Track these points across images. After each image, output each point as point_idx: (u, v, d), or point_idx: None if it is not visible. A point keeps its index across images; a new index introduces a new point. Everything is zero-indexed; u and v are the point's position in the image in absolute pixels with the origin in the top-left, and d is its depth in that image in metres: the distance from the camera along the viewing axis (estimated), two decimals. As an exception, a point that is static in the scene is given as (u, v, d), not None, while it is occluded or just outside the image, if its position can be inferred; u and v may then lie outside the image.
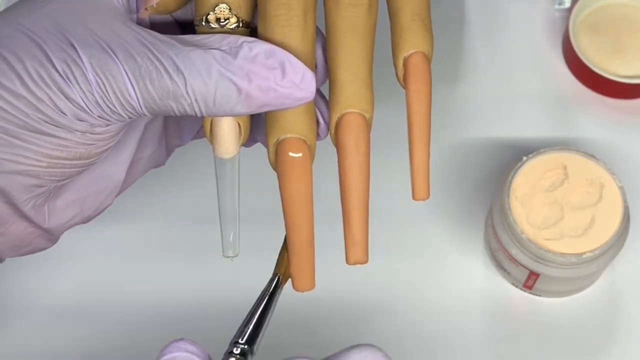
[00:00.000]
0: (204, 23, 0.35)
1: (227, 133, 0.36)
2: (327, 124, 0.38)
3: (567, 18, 0.62)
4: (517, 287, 0.56)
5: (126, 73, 0.32)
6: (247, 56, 0.33)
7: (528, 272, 0.53)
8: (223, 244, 0.38)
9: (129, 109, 0.33)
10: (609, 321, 0.56)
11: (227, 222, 0.38)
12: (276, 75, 0.33)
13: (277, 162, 0.36)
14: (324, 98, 0.38)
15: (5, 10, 0.34)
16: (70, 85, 0.32)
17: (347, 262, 0.36)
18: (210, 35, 0.34)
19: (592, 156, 0.53)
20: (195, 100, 0.33)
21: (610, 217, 0.52)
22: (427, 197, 0.37)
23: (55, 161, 0.34)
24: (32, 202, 0.36)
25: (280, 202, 0.36)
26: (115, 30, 0.33)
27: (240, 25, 0.35)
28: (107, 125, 0.34)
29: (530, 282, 0.55)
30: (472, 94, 0.62)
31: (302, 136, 0.35)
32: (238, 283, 0.58)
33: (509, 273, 0.56)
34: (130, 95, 0.33)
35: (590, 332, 0.56)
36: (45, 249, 0.40)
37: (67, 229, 0.40)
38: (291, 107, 0.34)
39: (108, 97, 0.33)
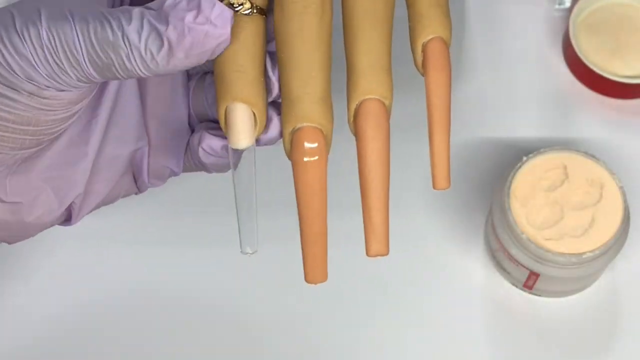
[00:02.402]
0: None
1: (241, 122, 0.35)
2: (279, 82, 0.37)
3: (567, 18, 0.62)
4: (517, 287, 0.56)
5: (76, 30, 0.33)
6: (170, 4, 0.34)
7: (528, 272, 0.53)
8: (241, 240, 0.38)
9: (75, 64, 0.34)
10: (609, 321, 0.56)
11: (244, 217, 0.38)
12: (191, 15, 0.33)
13: (291, 152, 0.35)
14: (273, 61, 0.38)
15: None
16: (24, 42, 0.33)
17: (368, 254, 0.36)
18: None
19: (592, 156, 0.53)
20: (131, 51, 0.33)
21: (610, 217, 0.52)
22: (448, 186, 0.37)
23: (5, 124, 0.34)
24: None
25: (295, 193, 0.36)
26: (84, 4, 0.34)
27: (255, 11, 0.36)
28: (58, 89, 0.34)
29: (530, 282, 0.55)
30: (472, 94, 0.62)
31: (318, 125, 0.35)
32: (238, 275, 0.58)
33: (509, 273, 0.56)
34: (76, 49, 0.33)
35: (590, 332, 0.56)
36: (19, 239, 0.40)
37: (40, 220, 0.39)
38: (213, 46, 0.34)
39: (57, 52, 0.33)
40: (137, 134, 0.41)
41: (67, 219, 0.41)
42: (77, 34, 0.33)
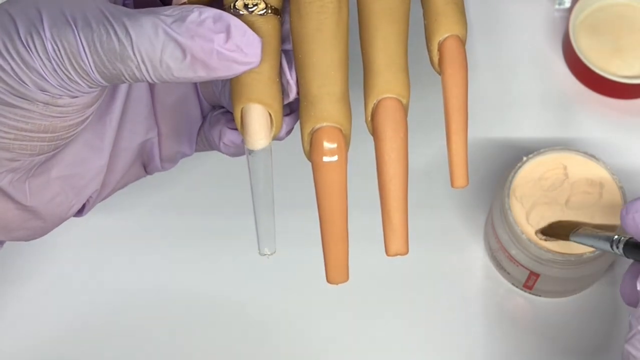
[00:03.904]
0: (232, 9, 0.35)
1: (258, 123, 0.35)
2: (296, 85, 0.37)
3: (567, 18, 0.62)
4: (517, 287, 0.56)
5: (80, 39, 0.33)
6: (195, 20, 0.33)
7: (528, 272, 0.53)
8: (259, 242, 0.37)
9: (83, 75, 0.33)
10: (609, 321, 0.56)
11: (262, 218, 0.37)
12: (220, 38, 0.33)
13: (311, 152, 0.35)
14: (289, 60, 0.37)
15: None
16: (31, 54, 0.33)
17: (387, 253, 0.36)
18: (171, 6, 0.34)
19: (592, 156, 0.53)
20: (142, 61, 0.33)
21: (610, 217, 0.52)
22: (466, 184, 0.37)
23: (23, 133, 0.34)
24: (9, 176, 0.36)
25: (315, 194, 0.35)
26: (83, 4, 0.34)
27: (269, 11, 0.35)
28: (71, 97, 0.34)
29: (530, 282, 0.55)
30: (472, 94, 0.62)
31: (338, 125, 0.35)
32: (247, 275, 0.58)
33: (509, 273, 0.56)
34: (82, 60, 0.33)
35: (590, 332, 0.56)
36: (36, 237, 0.40)
37: (58, 218, 0.40)
38: (239, 72, 0.34)
39: (63, 63, 0.33)
40: (147, 125, 0.41)
41: (80, 210, 0.42)
42: (82, 43, 0.33)
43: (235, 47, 0.33)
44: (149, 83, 0.40)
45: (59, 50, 0.33)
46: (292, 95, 0.37)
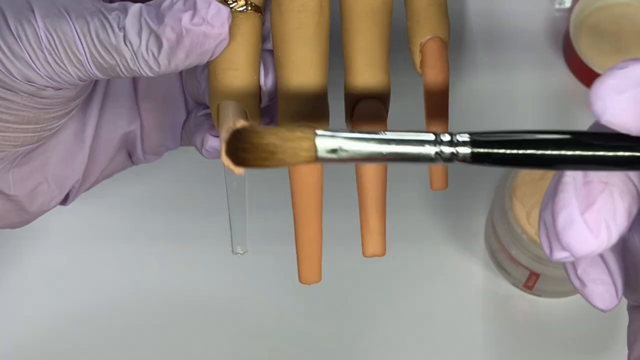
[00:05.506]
0: None
1: (232, 120, 0.35)
2: (274, 86, 0.37)
3: (568, 18, 0.62)
4: (517, 287, 0.56)
5: (76, 30, 0.33)
6: (167, 5, 0.33)
7: (528, 272, 0.53)
8: (232, 240, 0.38)
9: (78, 65, 0.33)
10: (609, 321, 0.56)
11: (236, 218, 0.38)
12: (187, 16, 0.33)
13: None
14: (270, 57, 0.37)
15: None
16: (20, 43, 0.33)
17: (364, 254, 0.36)
18: None
19: (592, 156, 0.53)
20: (134, 52, 0.33)
21: (610, 217, 0.52)
22: (445, 187, 0.37)
23: (6, 125, 0.34)
24: None
25: (290, 193, 0.35)
26: None
27: (250, 8, 0.35)
28: (56, 89, 0.34)
29: (530, 282, 0.55)
30: (472, 94, 0.62)
31: (315, 125, 0.35)
32: (233, 274, 0.58)
33: (509, 273, 0.56)
34: (78, 50, 0.33)
35: (590, 332, 0.56)
36: (19, 225, 0.40)
37: (40, 207, 0.40)
38: (212, 47, 0.34)
39: (58, 53, 0.33)
40: (129, 117, 0.41)
41: (64, 200, 0.42)
42: (77, 34, 0.33)
43: (202, 20, 0.33)
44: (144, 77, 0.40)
45: (54, 40, 0.33)
46: (264, 102, 0.37)
